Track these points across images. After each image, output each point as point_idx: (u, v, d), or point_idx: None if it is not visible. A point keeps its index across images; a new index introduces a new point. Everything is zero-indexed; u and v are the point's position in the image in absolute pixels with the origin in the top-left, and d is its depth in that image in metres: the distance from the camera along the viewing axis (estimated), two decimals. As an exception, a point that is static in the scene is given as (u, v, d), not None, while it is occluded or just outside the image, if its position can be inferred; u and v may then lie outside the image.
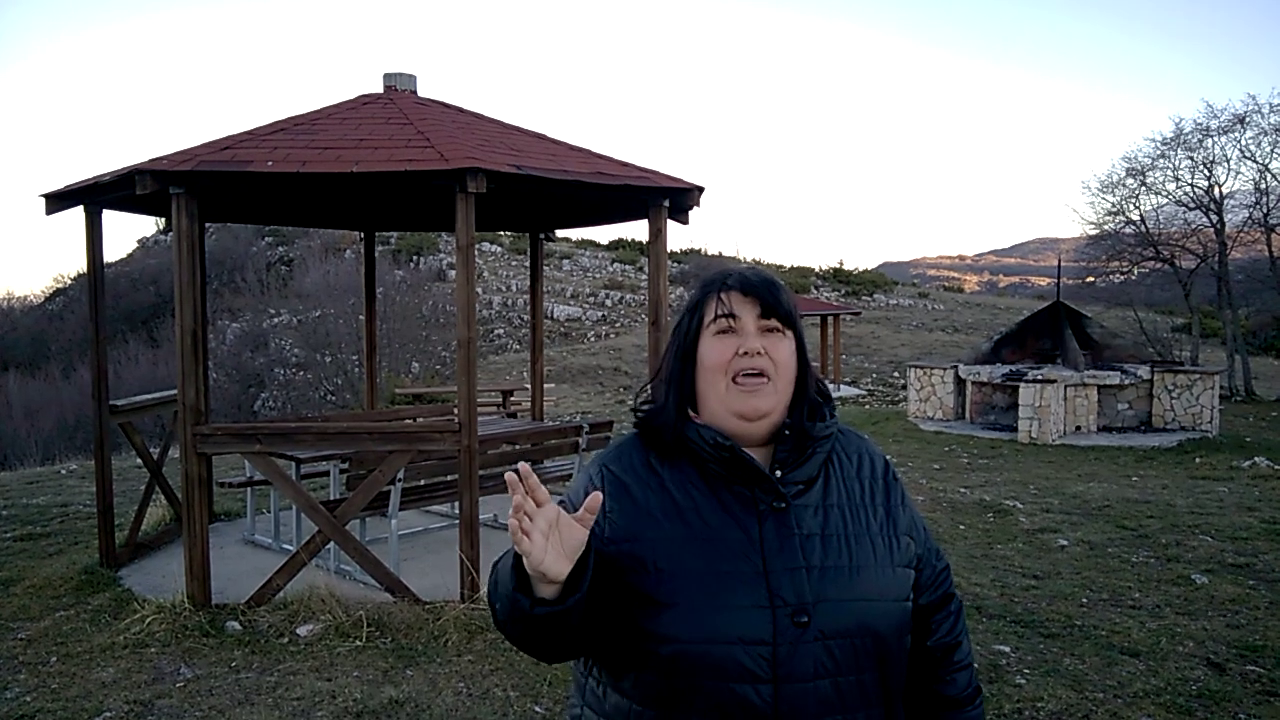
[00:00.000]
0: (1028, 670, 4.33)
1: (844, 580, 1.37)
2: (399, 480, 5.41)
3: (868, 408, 17.95)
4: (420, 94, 6.51)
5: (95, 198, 5.62)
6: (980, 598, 5.36)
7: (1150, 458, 11.19)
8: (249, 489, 6.79)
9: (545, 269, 9.31)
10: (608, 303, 32.84)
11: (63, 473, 10.45)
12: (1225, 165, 17.95)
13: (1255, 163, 17.68)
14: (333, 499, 5.97)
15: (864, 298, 38.54)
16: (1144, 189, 18.77)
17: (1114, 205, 19.20)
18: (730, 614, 1.32)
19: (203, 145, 5.32)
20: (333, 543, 5.36)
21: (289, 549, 5.83)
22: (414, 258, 34.57)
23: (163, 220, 25.18)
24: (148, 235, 42.20)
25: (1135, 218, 18.96)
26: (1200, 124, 17.91)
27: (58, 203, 5.64)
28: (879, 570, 1.41)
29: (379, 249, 23.42)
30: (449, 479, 5.97)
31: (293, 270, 30.29)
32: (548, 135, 6.34)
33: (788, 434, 1.43)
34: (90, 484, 8.11)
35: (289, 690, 4.10)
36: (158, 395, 7.22)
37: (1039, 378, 12.63)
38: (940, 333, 31.60)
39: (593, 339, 29.01)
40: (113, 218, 6.38)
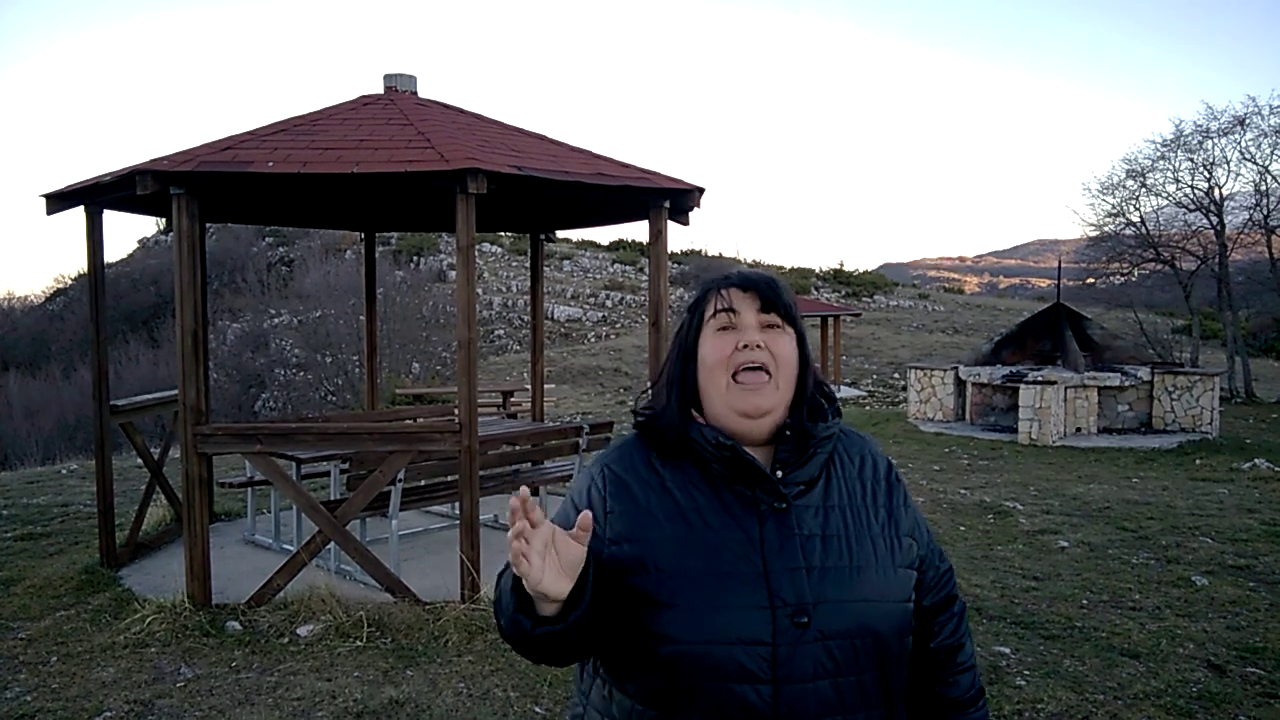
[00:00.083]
0: (1028, 672, 4.33)
1: (844, 581, 1.37)
2: (399, 481, 5.41)
3: (868, 409, 17.94)
4: (421, 95, 6.52)
5: (96, 198, 5.63)
6: (980, 599, 5.36)
7: (1150, 459, 11.18)
8: (249, 489, 6.79)
9: (546, 270, 9.32)
10: (608, 303, 32.84)
11: (63, 472, 10.45)
12: (1225, 167, 17.95)
13: (1255, 164, 17.67)
14: (333, 499, 5.98)
15: (864, 299, 38.54)
16: (1144, 191, 18.78)
17: (1114, 207, 19.21)
18: (730, 614, 1.32)
19: (203, 146, 5.32)
20: (333, 543, 5.36)
21: (289, 549, 5.84)
22: (414, 258, 34.57)
23: (163, 220, 25.15)
24: (148, 235, 42.23)
25: (1135, 219, 18.96)
26: (1200, 126, 17.90)
27: (59, 203, 5.64)
28: (880, 571, 1.41)
29: (379, 249, 23.40)
30: (449, 479, 5.97)
31: (293, 271, 30.30)
32: (548, 136, 6.34)
33: (789, 434, 1.43)
34: (91, 484, 8.11)
35: (289, 690, 4.10)
36: (158, 395, 7.22)
37: (1039, 379, 12.63)
38: (940, 334, 31.61)
39: (593, 340, 29.01)
40: (113, 218, 6.39)
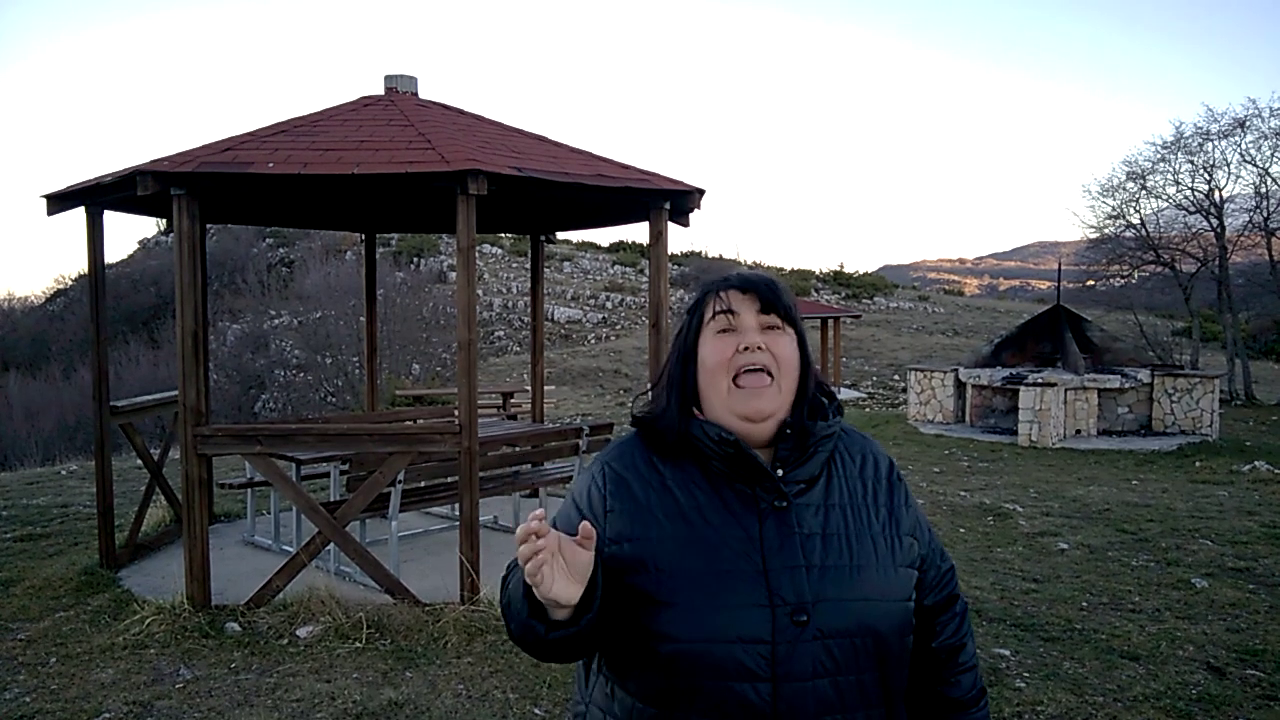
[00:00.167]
0: (1027, 674, 4.33)
1: (844, 579, 1.37)
2: (399, 482, 5.41)
3: (868, 411, 17.94)
4: (421, 96, 6.52)
5: (96, 199, 5.63)
6: (980, 601, 5.36)
7: (1150, 461, 11.18)
8: (249, 490, 6.79)
9: (546, 271, 9.33)
10: (608, 305, 32.84)
11: (63, 473, 10.45)
12: (1225, 169, 18.03)
13: (1255, 167, 17.70)
14: (333, 500, 5.98)
15: (864, 301, 38.55)
16: (1144, 193, 18.80)
17: (1114, 209, 19.23)
18: (730, 613, 1.32)
19: (204, 146, 5.32)
20: (333, 544, 5.36)
21: (289, 550, 5.83)
22: (414, 259, 34.58)
23: (164, 221, 25.16)
24: (149, 236, 42.24)
25: (1135, 221, 18.98)
26: (1200, 128, 17.93)
27: (59, 203, 5.64)
28: (880, 570, 1.41)
29: (380, 251, 23.43)
30: (449, 481, 5.97)
31: (293, 272, 30.29)
32: (548, 137, 6.34)
33: (789, 432, 1.43)
34: (90, 485, 8.11)
35: (288, 692, 4.10)
36: (158, 396, 7.22)
37: (1039, 381, 12.63)
38: (940, 336, 31.61)
39: (593, 341, 29.01)
40: (114, 219, 6.39)
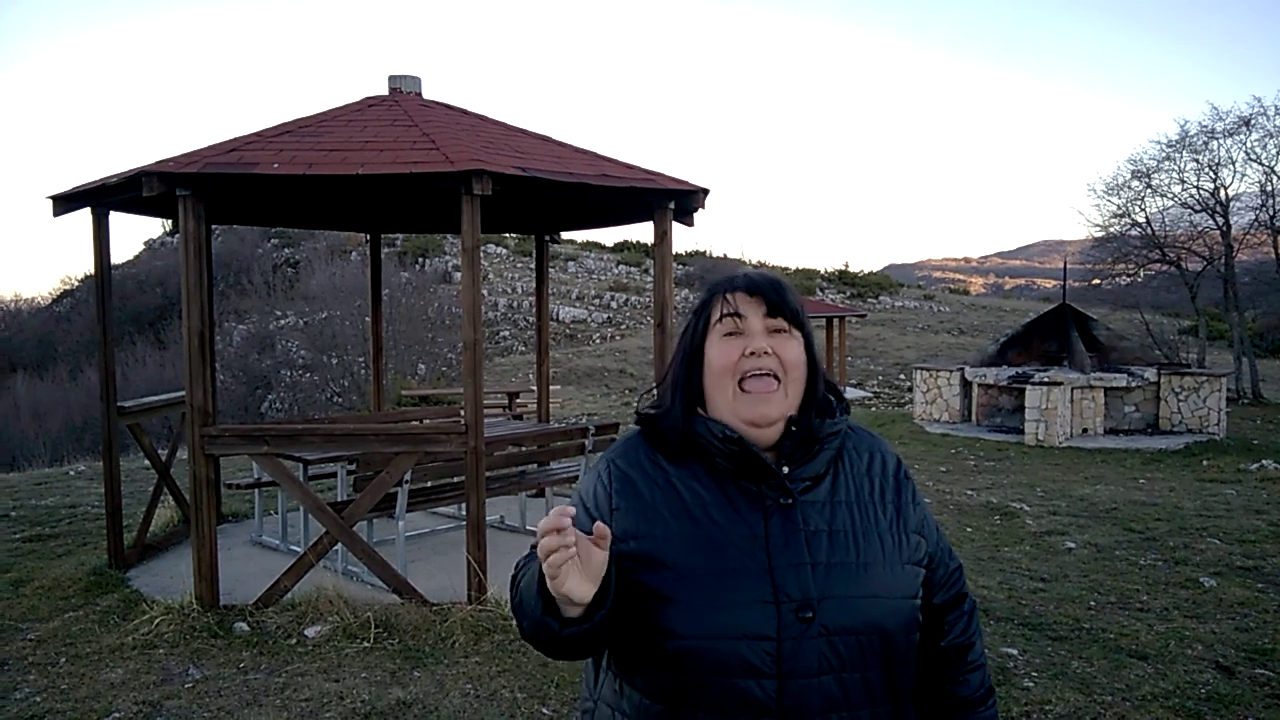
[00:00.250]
0: (1035, 673, 4.32)
1: (850, 577, 1.37)
2: (406, 482, 5.42)
3: (873, 410, 17.92)
4: (425, 96, 6.52)
5: (102, 200, 5.64)
6: (987, 600, 5.35)
7: (1157, 460, 11.15)
8: (257, 490, 6.80)
9: (551, 271, 9.33)
10: (613, 305, 32.85)
11: (71, 474, 10.49)
12: (1231, 168, 17.90)
13: (1261, 165, 17.63)
14: (340, 500, 5.99)
15: (869, 300, 38.51)
16: (1150, 191, 18.74)
17: (1120, 208, 19.17)
18: (735, 610, 1.32)
19: (209, 147, 5.34)
20: (340, 544, 5.36)
21: (297, 550, 5.84)
22: (419, 260, 34.62)
23: (169, 222, 25.27)
24: (154, 237, 42.43)
25: (1141, 220, 18.92)
26: (1205, 126, 17.86)
27: (65, 204, 5.66)
28: (887, 567, 1.40)
29: (385, 251, 23.45)
30: (456, 480, 5.97)
31: (299, 272, 30.37)
32: (553, 137, 6.34)
33: (795, 430, 1.42)
34: (98, 485, 8.14)
35: (297, 691, 4.11)
36: (165, 397, 7.24)
37: (1045, 380, 12.60)
38: (946, 335, 31.56)
39: (598, 341, 29.03)
40: (120, 219, 6.40)
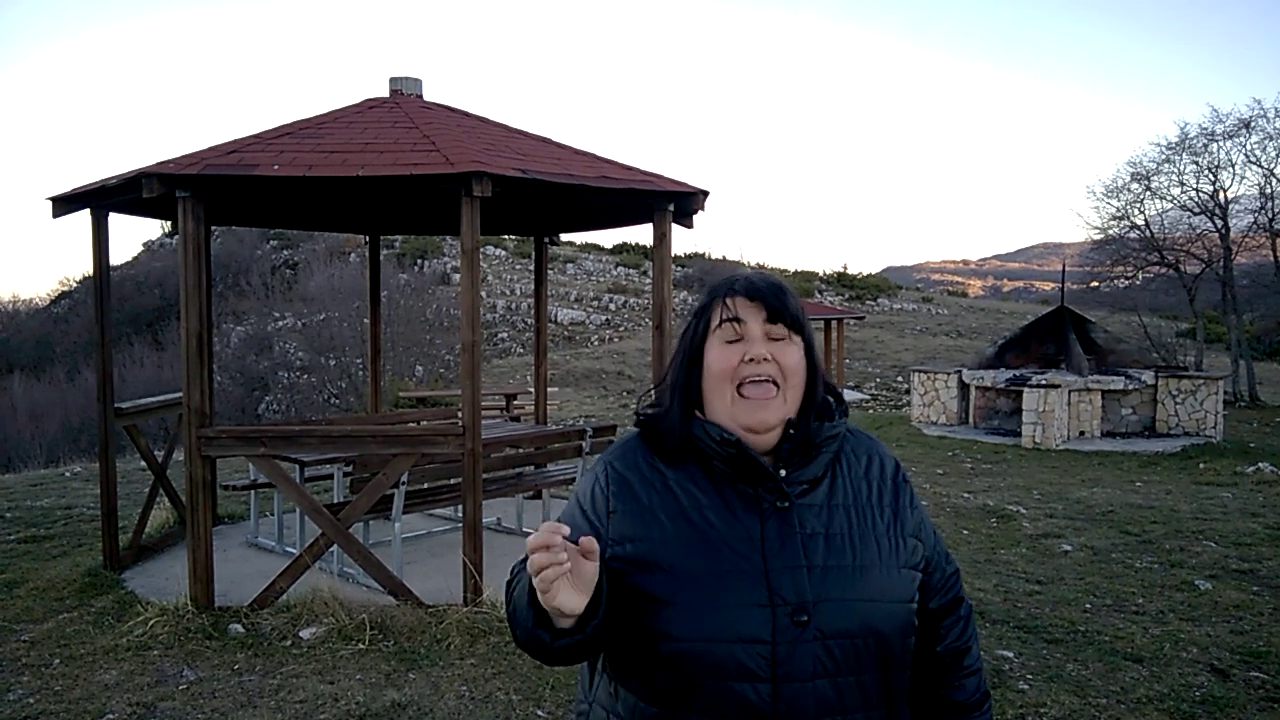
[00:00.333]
0: (1031, 676, 4.32)
1: (847, 580, 1.37)
2: (403, 483, 5.42)
3: (871, 412, 17.93)
4: (426, 98, 6.53)
5: (102, 201, 5.64)
6: (983, 603, 5.35)
7: (1154, 463, 11.16)
8: (253, 492, 6.80)
9: (549, 273, 9.33)
10: (611, 306, 32.85)
11: (67, 475, 10.47)
12: (1230, 170, 17.96)
13: (1260, 168, 17.68)
14: (336, 502, 5.99)
15: (868, 302, 38.53)
16: (1149, 194, 18.78)
17: (1119, 210, 19.21)
18: (730, 613, 1.32)
19: (209, 149, 5.34)
20: (336, 546, 5.36)
21: (292, 552, 5.84)
22: (418, 261, 34.62)
23: (168, 223, 25.24)
24: (153, 238, 42.44)
25: (1140, 222, 18.96)
26: (1205, 129, 17.92)
27: (65, 206, 5.65)
28: (883, 571, 1.40)
29: (383, 253, 23.41)
30: (453, 482, 5.97)
31: (297, 274, 30.35)
32: (553, 139, 6.35)
33: (793, 433, 1.42)
34: (94, 486, 8.13)
35: (291, 693, 4.10)
36: (162, 398, 7.23)
37: (1043, 383, 12.61)
38: (944, 337, 31.58)
39: (596, 343, 29.03)
40: (119, 221, 6.40)
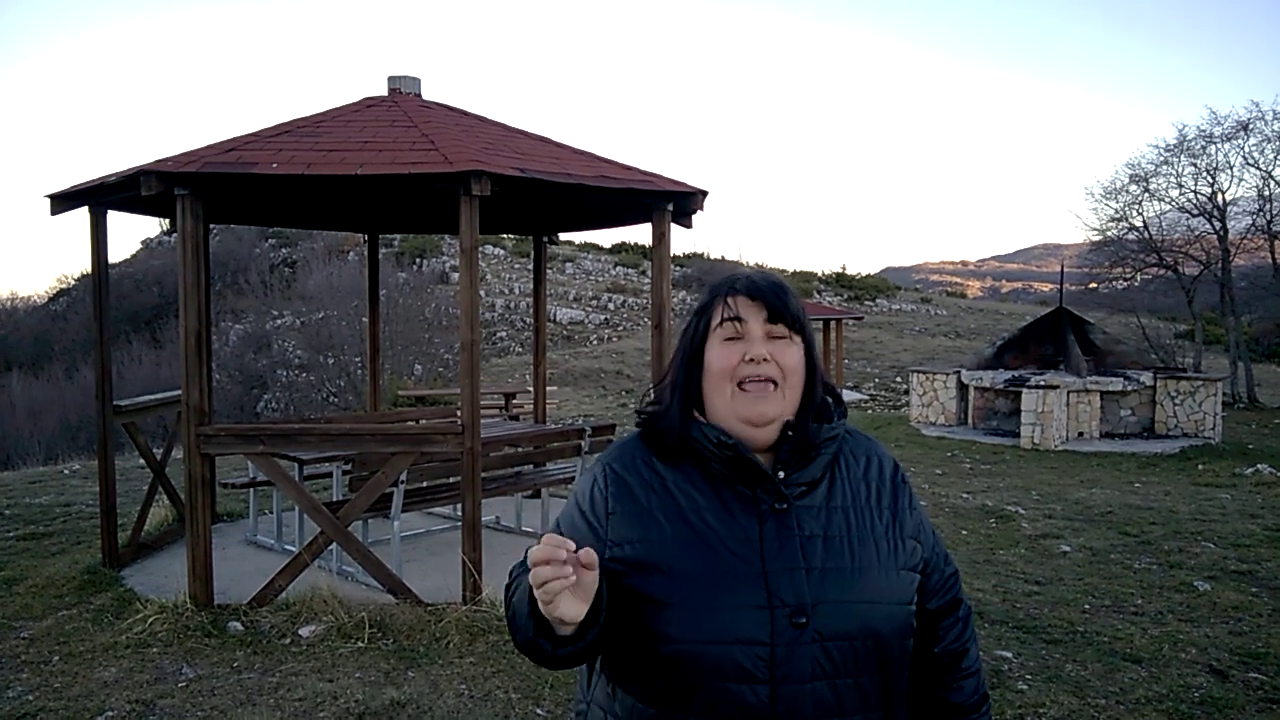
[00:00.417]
0: (1030, 676, 4.33)
1: (846, 582, 1.37)
2: (402, 482, 5.42)
3: (870, 413, 17.94)
4: (424, 97, 6.52)
5: (100, 198, 5.63)
6: (982, 603, 5.35)
7: (1153, 464, 11.17)
8: (252, 490, 6.80)
9: (548, 272, 9.33)
10: (610, 306, 32.85)
11: (65, 472, 10.46)
12: (1229, 172, 18.00)
13: (1259, 169, 17.70)
14: (335, 500, 5.98)
15: (866, 303, 38.53)
16: (1147, 195, 18.81)
17: (1117, 211, 19.23)
18: (728, 614, 1.32)
19: (208, 147, 5.33)
20: (335, 544, 5.36)
21: (291, 550, 5.84)
22: (417, 260, 34.61)
23: (167, 221, 25.21)
24: (152, 236, 42.32)
25: (1138, 224, 18.98)
26: (1204, 130, 17.94)
27: (63, 203, 5.65)
28: (882, 572, 1.40)
29: (382, 251, 23.41)
30: (452, 481, 5.97)
31: (296, 272, 30.33)
32: (551, 139, 6.34)
33: (791, 434, 1.42)
34: (93, 484, 8.13)
35: (291, 691, 4.10)
36: (161, 396, 7.23)
37: (1042, 383, 12.62)
38: (943, 338, 31.59)
39: (595, 342, 29.03)
40: (117, 218, 6.40)
